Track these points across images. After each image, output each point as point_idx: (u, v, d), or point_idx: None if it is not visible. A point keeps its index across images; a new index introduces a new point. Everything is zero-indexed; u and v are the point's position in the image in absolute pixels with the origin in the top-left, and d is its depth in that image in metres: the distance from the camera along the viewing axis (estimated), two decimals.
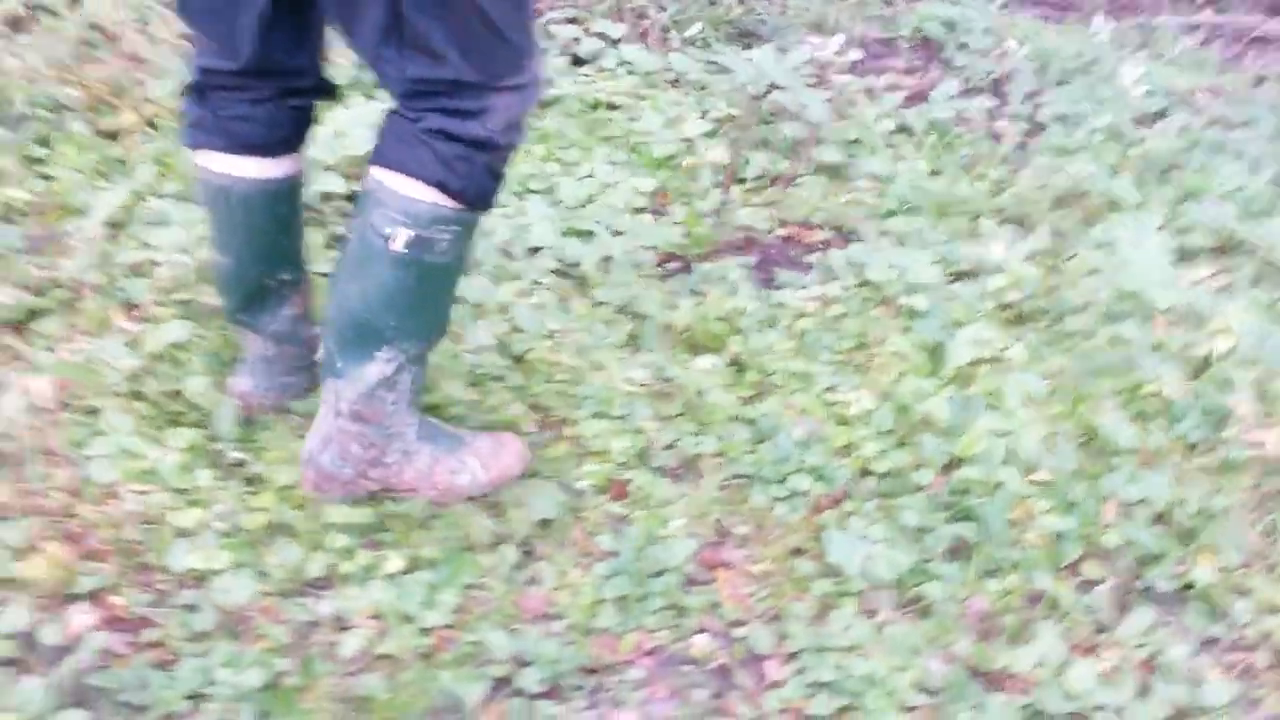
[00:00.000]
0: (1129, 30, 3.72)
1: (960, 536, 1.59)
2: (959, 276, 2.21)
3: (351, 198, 2.05)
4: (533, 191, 2.34)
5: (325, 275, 1.68)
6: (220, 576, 1.39)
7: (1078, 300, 2.13)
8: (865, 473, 1.69)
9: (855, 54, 3.19)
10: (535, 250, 2.15)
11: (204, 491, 1.48)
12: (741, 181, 2.54)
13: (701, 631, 1.45)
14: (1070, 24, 3.75)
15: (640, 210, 2.36)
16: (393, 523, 1.50)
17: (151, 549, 1.42)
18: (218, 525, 1.45)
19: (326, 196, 2.09)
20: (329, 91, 1.45)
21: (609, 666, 1.38)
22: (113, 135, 2.33)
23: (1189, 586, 1.59)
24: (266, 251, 1.48)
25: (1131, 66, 3.12)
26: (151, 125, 2.38)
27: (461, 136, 1.28)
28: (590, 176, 2.44)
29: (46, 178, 2.11)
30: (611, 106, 2.76)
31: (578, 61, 2.95)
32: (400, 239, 1.31)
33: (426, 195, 1.30)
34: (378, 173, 1.32)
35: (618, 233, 2.20)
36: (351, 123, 2.19)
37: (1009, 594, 1.53)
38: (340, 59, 2.14)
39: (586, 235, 2.20)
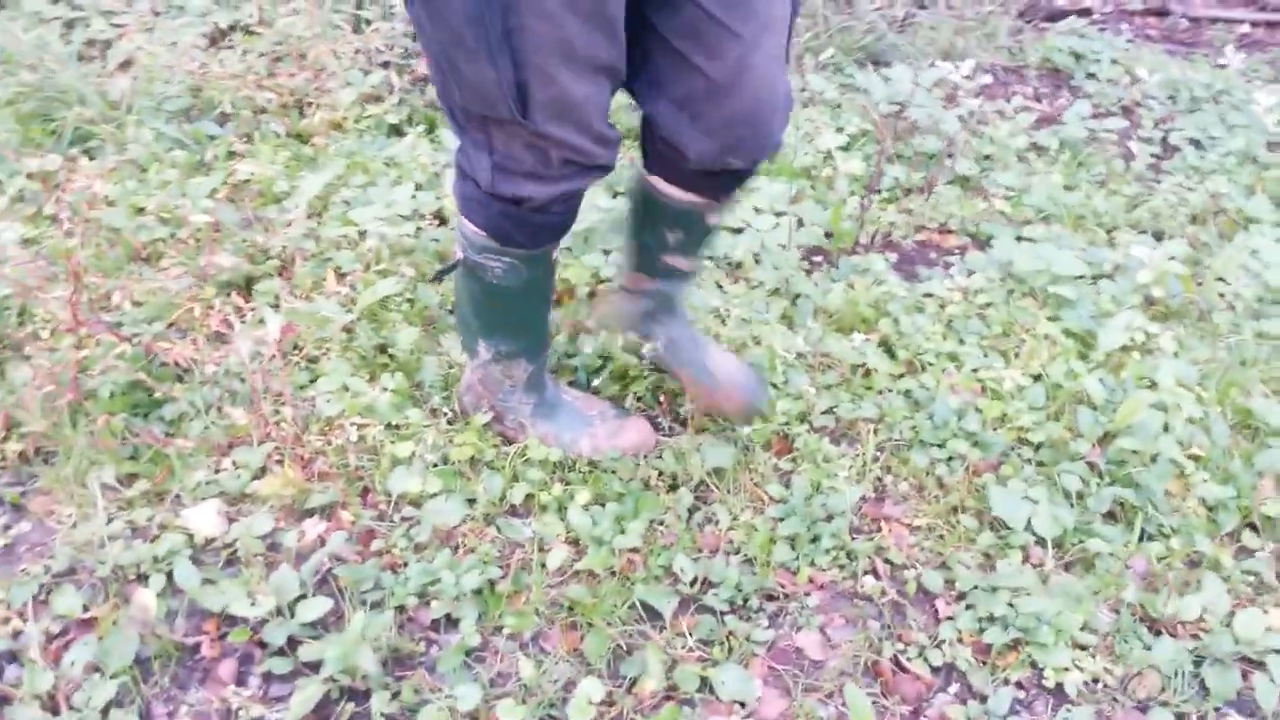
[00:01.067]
0: (1259, 64, 3.73)
1: (1120, 500, 1.64)
2: (1100, 278, 2.28)
3: None
4: None
5: None
6: (433, 500, 1.53)
7: (1223, 299, 2.18)
8: (1022, 441, 1.76)
9: (985, 79, 3.30)
10: None
11: (414, 428, 1.63)
12: (878, 192, 2.65)
13: (870, 573, 1.53)
14: (1197, 58, 3.79)
15: (781, 214, 2.48)
16: (579, 462, 1.63)
17: (372, 474, 1.57)
18: (428, 457, 1.59)
19: None
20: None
21: (788, 595, 1.47)
22: (302, 136, 2.57)
23: None
24: None
25: (1266, 95, 3.15)
26: (338, 128, 2.61)
27: (468, 176, 1.35)
28: None
29: (250, 169, 2.33)
30: None
31: None
32: (459, 256, 1.45)
33: (467, 224, 1.40)
34: None
35: (761, 229, 2.32)
36: None
37: (1170, 555, 1.57)
38: None
39: (735, 231, 2.33)
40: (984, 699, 1.34)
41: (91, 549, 1.41)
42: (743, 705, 1.30)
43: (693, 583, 1.45)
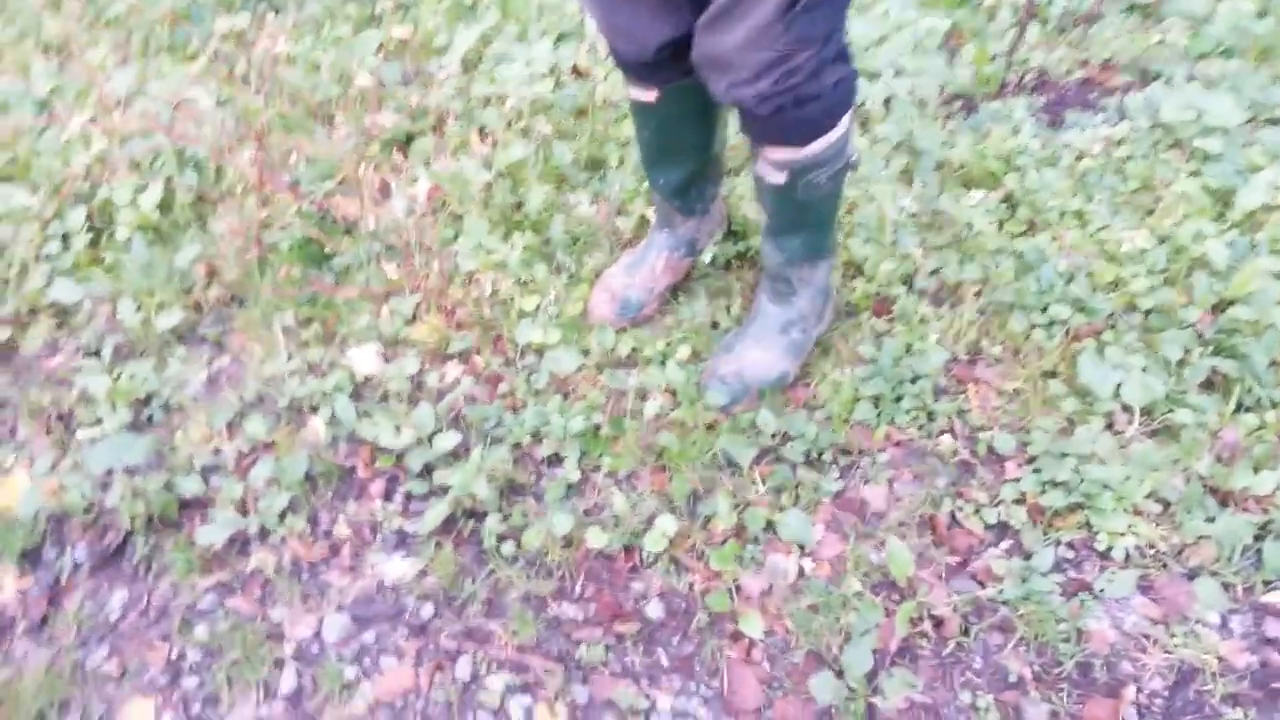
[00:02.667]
0: None
1: (1220, 371, 1.64)
2: (1270, 123, 2.13)
3: None
4: None
5: None
6: (553, 350, 1.74)
7: None
8: (1130, 308, 1.76)
9: None
10: None
11: (540, 284, 1.83)
12: (1044, 22, 2.52)
13: (947, 432, 1.63)
14: None
15: (931, 50, 2.42)
16: (684, 321, 1.78)
17: (502, 324, 1.79)
18: (550, 310, 1.79)
19: None
20: None
21: (862, 450, 1.60)
22: None
23: None
24: None
25: None
26: None
27: None
28: (885, 16, 2.51)
29: (414, 22, 2.50)
30: None
31: None
32: None
33: None
34: None
35: (900, 72, 2.29)
36: None
37: (1263, 428, 1.58)
38: None
39: (873, 75, 2.31)
40: (1030, 556, 1.45)
41: (275, 382, 1.71)
42: (801, 547, 1.48)
43: (773, 435, 1.61)
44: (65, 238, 1.96)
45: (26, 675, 1.38)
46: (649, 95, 1.54)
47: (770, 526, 1.50)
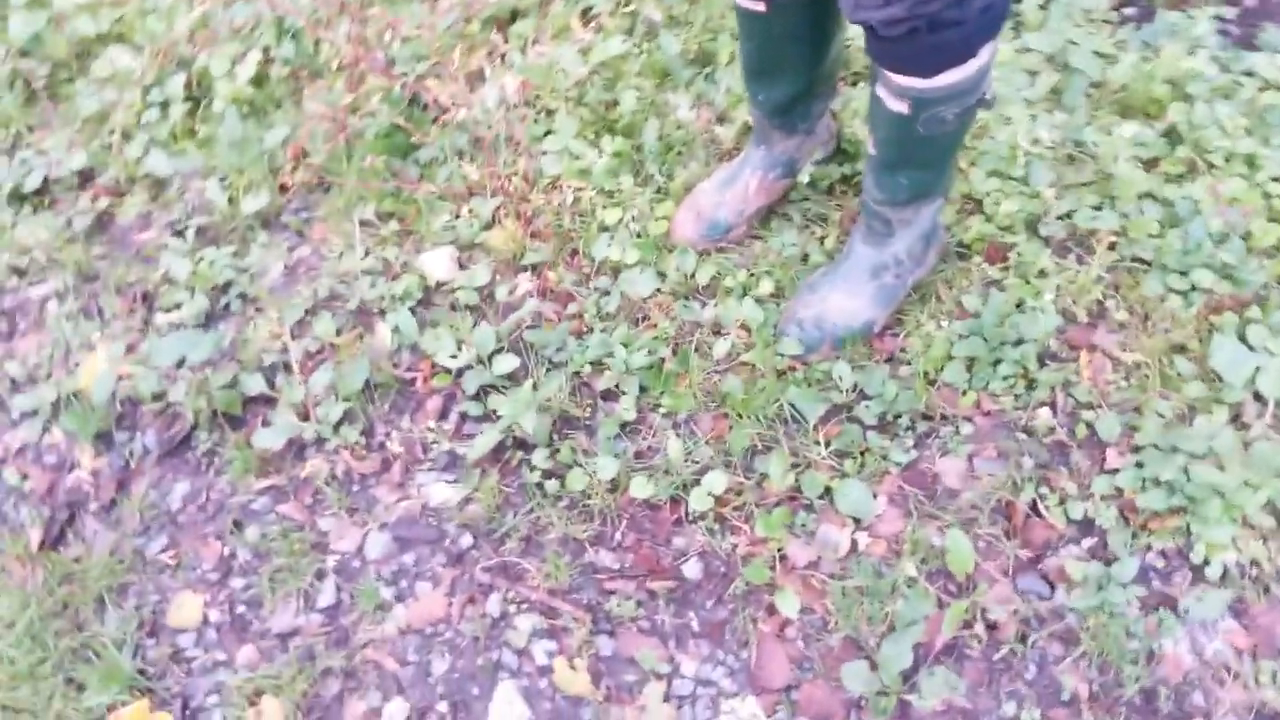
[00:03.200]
0: None
1: None
2: None
3: None
4: None
5: None
6: (629, 270, 1.65)
7: None
8: None
9: None
10: None
11: (625, 195, 1.72)
12: None
13: (1047, 406, 1.48)
14: None
15: None
16: (771, 251, 1.65)
17: (580, 238, 1.70)
18: (632, 226, 1.69)
19: None
20: None
21: (944, 417, 1.47)
22: None
23: None
24: None
25: None
26: None
27: None
28: None
29: None
30: None
31: None
32: None
33: None
34: None
35: None
36: None
37: None
38: None
39: None
40: (1112, 561, 1.32)
41: (348, 279, 1.69)
42: (858, 520, 1.38)
43: (848, 391, 1.49)
44: (164, 106, 1.96)
45: (94, 554, 1.46)
46: (757, 5, 1.38)
47: (828, 493, 1.41)
